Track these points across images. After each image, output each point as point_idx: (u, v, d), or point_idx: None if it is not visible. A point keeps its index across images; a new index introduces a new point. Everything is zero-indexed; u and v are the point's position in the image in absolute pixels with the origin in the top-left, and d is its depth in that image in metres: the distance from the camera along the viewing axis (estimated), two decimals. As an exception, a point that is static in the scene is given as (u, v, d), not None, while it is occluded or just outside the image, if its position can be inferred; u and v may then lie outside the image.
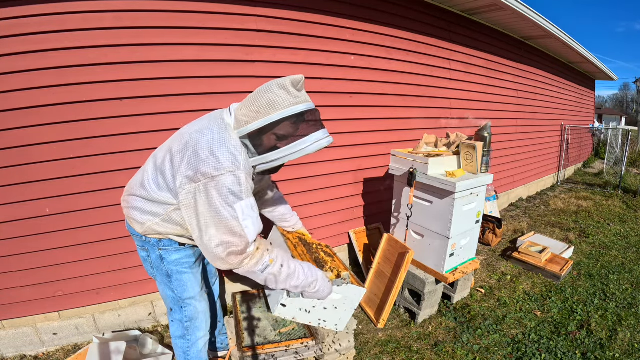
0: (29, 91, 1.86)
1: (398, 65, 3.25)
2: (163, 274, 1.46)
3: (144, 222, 1.35)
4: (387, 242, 2.61)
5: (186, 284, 1.47)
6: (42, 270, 2.08)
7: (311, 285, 1.36)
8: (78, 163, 2.02)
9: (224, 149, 1.17)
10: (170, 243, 1.39)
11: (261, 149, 1.22)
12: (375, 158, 3.24)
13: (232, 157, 1.17)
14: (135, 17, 2.00)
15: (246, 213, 1.19)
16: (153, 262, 1.45)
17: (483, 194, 2.42)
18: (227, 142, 1.19)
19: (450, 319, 2.51)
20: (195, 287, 1.50)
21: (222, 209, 1.15)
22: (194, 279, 1.49)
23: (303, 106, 1.19)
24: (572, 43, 5.37)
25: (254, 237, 1.23)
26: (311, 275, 1.36)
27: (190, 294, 1.50)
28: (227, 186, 1.14)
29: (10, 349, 2.13)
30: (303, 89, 1.23)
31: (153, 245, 1.40)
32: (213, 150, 1.17)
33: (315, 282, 1.36)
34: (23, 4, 1.77)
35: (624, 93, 59.25)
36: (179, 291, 1.48)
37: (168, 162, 1.24)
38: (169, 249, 1.40)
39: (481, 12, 3.88)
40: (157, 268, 1.46)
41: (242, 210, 1.18)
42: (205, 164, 1.15)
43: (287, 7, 2.49)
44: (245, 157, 1.21)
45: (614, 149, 8.94)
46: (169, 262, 1.42)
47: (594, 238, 4.15)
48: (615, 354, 2.18)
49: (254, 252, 1.24)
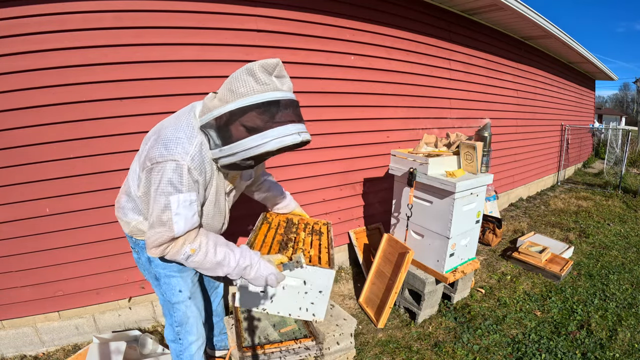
0: (29, 91, 1.86)
1: (398, 65, 3.25)
2: (152, 276, 1.43)
3: (130, 221, 1.34)
4: (387, 242, 2.61)
5: (174, 288, 1.42)
6: (42, 270, 2.08)
7: (245, 270, 1.23)
8: (78, 163, 2.02)
9: (174, 136, 1.11)
10: None
11: (226, 141, 1.09)
12: (375, 158, 3.24)
13: (179, 145, 1.09)
14: (135, 17, 2.01)
15: (181, 207, 1.11)
16: (143, 264, 1.43)
17: (483, 194, 2.42)
18: (180, 130, 1.13)
19: (450, 319, 2.51)
20: (184, 292, 1.44)
21: (159, 197, 1.10)
22: (183, 283, 1.43)
23: (269, 95, 1.05)
24: (572, 43, 5.37)
25: (182, 233, 1.14)
26: (243, 260, 1.23)
27: (179, 299, 1.44)
28: (167, 175, 1.08)
29: (10, 349, 2.13)
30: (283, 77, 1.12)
31: (142, 248, 1.38)
32: (165, 137, 1.12)
33: (248, 267, 1.23)
34: (23, 4, 1.77)
35: (624, 93, 59.26)
36: (168, 295, 1.44)
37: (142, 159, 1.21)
38: None
39: (481, 12, 3.88)
40: (147, 270, 1.44)
41: (177, 203, 1.10)
42: (154, 150, 1.11)
43: (287, 7, 2.49)
44: (197, 149, 1.12)
45: (614, 149, 8.95)
46: (157, 264, 1.38)
47: (594, 238, 4.15)
48: (615, 354, 2.18)
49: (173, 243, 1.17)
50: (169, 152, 1.08)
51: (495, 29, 4.44)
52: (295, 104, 1.12)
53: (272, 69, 1.07)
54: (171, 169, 1.08)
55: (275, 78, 1.09)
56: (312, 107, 2.73)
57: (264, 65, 1.05)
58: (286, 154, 2.66)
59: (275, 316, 1.94)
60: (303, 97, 2.68)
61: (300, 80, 2.64)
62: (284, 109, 1.07)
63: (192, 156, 1.10)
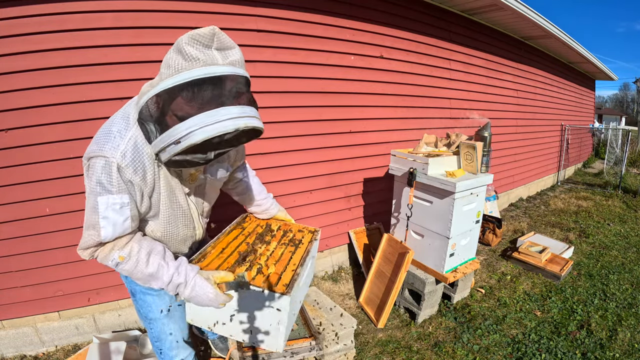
0: (29, 91, 1.86)
1: (398, 65, 3.25)
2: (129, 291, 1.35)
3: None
4: (387, 242, 2.61)
5: (149, 305, 1.33)
6: (42, 270, 2.08)
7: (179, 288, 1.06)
8: (78, 163, 2.02)
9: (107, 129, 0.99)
10: None
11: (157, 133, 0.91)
12: (375, 158, 3.24)
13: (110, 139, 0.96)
14: (135, 17, 2.00)
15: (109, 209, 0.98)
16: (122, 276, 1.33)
17: (483, 194, 2.42)
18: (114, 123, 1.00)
19: (450, 319, 2.51)
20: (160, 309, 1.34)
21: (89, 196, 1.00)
22: (159, 301, 1.33)
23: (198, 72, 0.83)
24: (572, 43, 5.37)
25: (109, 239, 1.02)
26: (177, 276, 1.05)
27: (155, 316, 1.34)
28: (96, 173, 0.96)
29: (10, 349, 2.13)
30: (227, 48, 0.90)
31: None
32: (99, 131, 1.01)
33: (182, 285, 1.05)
34: (23, 4, 1.77)
35: (624, 93, 59.25)
36: (143, 311, 1.35)
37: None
38: None
39: (481, 12, 3.88)
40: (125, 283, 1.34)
41: (106, 205, 0.98)
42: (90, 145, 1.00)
43: (287, 7, 2.49)
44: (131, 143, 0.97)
45: (614, 149, 8.95)
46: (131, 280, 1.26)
47: (594, 238, 4.15)
48: (615, 354, 2.18)
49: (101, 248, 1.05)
50: (98, 147, 0.95)
51: (495, 29, 4.44)
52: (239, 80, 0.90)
53: (208, 40, 0.85)
54: (100, 167, 0.95)
55: (215, 51, 0.88)
56: (312, 107, 2.73)
57: (194, 36, 0.84)
58: (286, 153, 2.66)
59: None
60: (303, 97, 2.68)
61: (300, 80, 2.64)
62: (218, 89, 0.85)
63: (122, 152, 0.95)
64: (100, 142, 0.96)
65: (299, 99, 2.66)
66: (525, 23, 4.22)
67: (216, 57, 0.87)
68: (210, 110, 0.84)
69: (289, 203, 2.76)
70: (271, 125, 2.53)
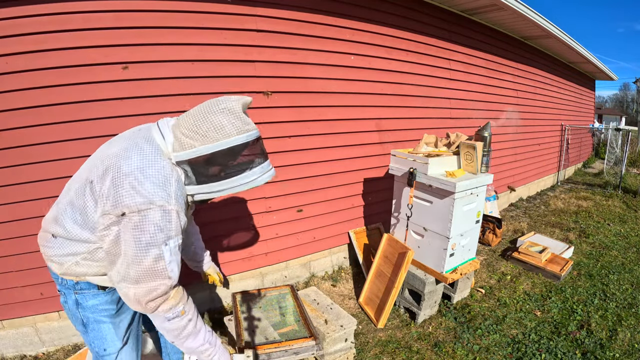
0: (28, 91, 1.86)
1: (398, 65, 3.25)
2: (79, 322, 1.23)
3: (63, 262, 1.13)
4: (387, 242, 2.61)
5: (105, 337, 1.23)
6: (42, 270, 2.08)
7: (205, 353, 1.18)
8: (78, 163, 2.01)
9: (153, 178, 0.98)
10: (89, 286, 1.17)
11: (202, 178, 1.04)
12: (375, 158, 3.24)
13: (162, 188, 0.99)
14: (135, 17, 2.01)
15: (174, 254, 1.03)
16: (70, 308, 1.22)
17: (483, 194, 2.42)
18: (156, 171, 1.00)
19: (450, 319, 2.51)
20: (115, 342, 1.25)
21: (148, 250, 0.98)
22: (113, 332, 1.24)
23: (254, 134, 1.04)
24: (572, 43, 5.37)
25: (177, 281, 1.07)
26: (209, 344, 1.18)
27: (110, 350, 1.25)
28: (155, 223, 0.97)
29: (10, 349, 2.13)
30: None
31: (69, 288, 1.18)
32: (139, 179, 0.97)
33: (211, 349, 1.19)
34: (23, 4, 1.77)
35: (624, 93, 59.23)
36: (96, 344, 1.24)
37: (88, 194, 1.03)
38: (86, 293, 1.18)
39: (481, 12, 3.88)
40: (73, 316, 1.23)
41: (170, 250, 1.02)
42: (131, 196, 0.96)
43: (287, 7, 2.49)
44: (177, 187, 1.03)
45: (614, 149, 8.95)
46: (85, 308, 1.19)
47: (594, 238, 4.15)
48: (615, 354, 2.18)
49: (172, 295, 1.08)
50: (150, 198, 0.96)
51: (495, 29, 4.44)
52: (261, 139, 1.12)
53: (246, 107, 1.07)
54: (158, 217, 0.98)
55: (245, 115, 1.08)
56: (312, 107, 2.73)
57: (244, 105, 1.05)
58: (286, 153, 2.67)
59: (275, 316, 1.94)
60: (303, 97, 2.68)
61: (300, 80, 2.64)
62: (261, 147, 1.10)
63: (176, 198, 1.01)
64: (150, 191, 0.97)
65: (298, 99, 2.66)
66: (525, 23, 4.22)
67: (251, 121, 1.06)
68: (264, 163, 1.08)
69: (289, 203, 2.76)
70: (270, 126, 2.53)
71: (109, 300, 1.22)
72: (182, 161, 1.03)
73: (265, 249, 2.74)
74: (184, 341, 1.14)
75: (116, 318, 1.26)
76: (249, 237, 2.65)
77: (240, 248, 2.63)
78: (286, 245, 2.84)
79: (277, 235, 2.78)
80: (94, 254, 1.11)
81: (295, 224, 2.85)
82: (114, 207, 0.97)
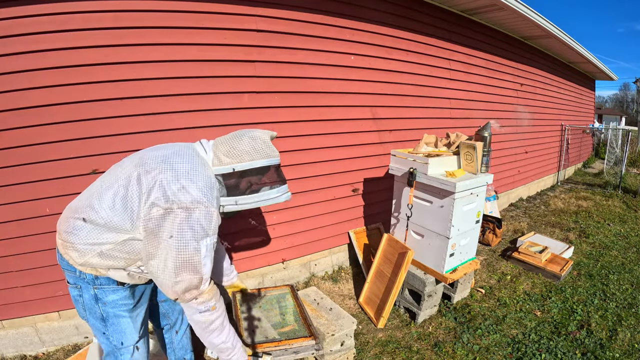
0: (28, 91, 1.86)
1: (398, 65, 3.25)
2: (97, 317, 1.28)
3: (86, 251, 1.17)
4: (387, 242, 2.61)
5: (124, 331, 1.30)
6: (42, 270, 2.08)
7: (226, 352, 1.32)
8: (78, 163, 2.02)
9: (202, 182, 1.16)
10: (108, 282, 1.24)
11: (233, 191, 1.26)
12: (375, 158, 3.24)
13: (209, 191, 1.16)
14: (135, 17, 2.00)
15: (209, 250, 1.17)
16: (86, 303, 1.26)
17: (483, 194, 2.42)
18: (206, 176, 1.19)
19: (450, 319, 2.51)
20: (133, 334, 1.33)
21: (189, 243, 1.11)
22: (132, 325, 1.32)
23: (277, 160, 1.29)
24: (572, 43, 5.37)
25: (209, 276, 1.21)
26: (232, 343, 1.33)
27: (128, 342, 1.32)
28: (199, 221, 1.12)
29: (10, 349, 2.13)
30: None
31: (87, 283, 1.22)
32: (192, 180, 1.14)
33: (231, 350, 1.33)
34: (23, 4, 1.77)
35: (624, 93, 59.19)
36: (115, 338, 1.30)
37: (134, 184, 1.13)
38: (105, 288, 1.24)
39: (481, 12, 3.88)
40: (90, 310, 1.27)
41: (206, 247, 1.15)
42: (182, 193, 1.11)
43: (287, 7, 2.49)
44: (217, 195, 1.23)
45: (614, 149, 8.95)
46: (105, 303, 1.25)
47: (594, 238, 4.15)
48: (615, 354, 2.18)
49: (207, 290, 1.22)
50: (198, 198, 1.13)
51: (495, 29, 4.44)
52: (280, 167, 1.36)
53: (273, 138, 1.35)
54: (203, 215, 1.13)
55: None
56: (312, 107, 2.73)
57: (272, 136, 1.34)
58: (285, 153, 2.67)
59: (275, 316, 1.94)
60: (303, 97, 2.68)
61: (300, 80, 2.64)
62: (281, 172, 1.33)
63: (217, 202, 1.20)
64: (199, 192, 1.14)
65: (298, 99, 2.66)
66: (525, 23, 4.21)
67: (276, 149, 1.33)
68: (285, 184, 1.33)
69: (288, 203, 2.76)
70: (270, 126, 2.53)
71: (128, 295, 1.30)
72: (220, 174, 1.24)
73: (265, 249, 2.74)
74: (209, 335, 1.27)
75: (134, 312, 1.34)
76: (248, 237, 2.66)
77: (240, 248, 2.64)
78: (286, 245, 2.85)
79: (277, 235, 2.78)
80: (123, 245, 1.17)
81: (295, 224, 2.85)
82: (164, 201, 1.10)
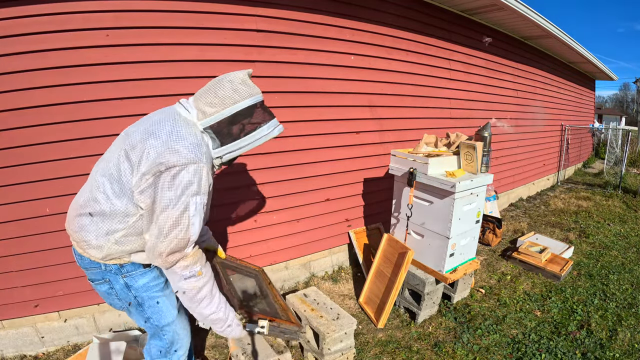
0: (28, 91, 1.86)
1: (398, 65, 3.25)
2: (134, 303, 1.30)
3: (102, 245, 1.18)
4: (387, 242, 2.61)
5: (162, 310, 1.33)
6: (42, 270, 2.08)
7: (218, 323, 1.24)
8: (78, 163, 2.02)
9: (188, 140, 1.13)
10: (134, 267, 1.25)
11: (226, 139, 1.21)
12: (375, 158, 3.24)
13: (195, 148, 1.13)
14: (135, 17, 2.00)
15: (198, 209, 1.14)
16: (119, 293, 1.27)
17: (483, 194, 2.42)
18: (190, 134, 1.15)
19: (450, 319, 2.51)
20: (171, 311, 1.36)
21: (179, 200, 1.09)
22: (168, 302, 1.35)
23: (259, 96, 1.25)
24: (572, 43, 5.37)
25: (196, 238, 1.17)
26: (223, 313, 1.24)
27: (168, 320, 1.36)
28: (187, 178, 1.10)
29: (10, 349, 2.13)
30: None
31: (115, 274, 1.24)
32: (177, 140, 1.12)
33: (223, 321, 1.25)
34: (23, 4, 1.77)
35: (624, 93, 59.17)
36: (155, 319, 1.33)
37: (124, 161, 1.13)
38: (133, 274, 1.26)
39: (481, 12, 3.88)
40: (125, 299, 1.29)
41: (195, 205, 1.12)
42: (169, 154, 1.09)
43: (287, 7, 2.49)
44: (207, 150, 1.19)
45: (614, 149, 8.94)
46: (137, 288, 1.27)
47: (594, 238, 4.15)
48: (615, 354, 2.18)
49: (191, 253, 1.16)
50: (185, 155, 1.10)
51: (495, 29, 4.44)
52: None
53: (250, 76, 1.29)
54: (192, 172, 1.11)
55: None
56: (312, 107, 2.73)
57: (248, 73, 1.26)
58: (286, 153, 2.67)
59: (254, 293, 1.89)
60: (303, 97, 2.68)
61: (300, 80, 2.64)
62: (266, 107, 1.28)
63: (206, 159, 1.16)
64: (185, 150, 1.11)
65: (298, 99, 2.66)
66: (525, 23, 4.21)
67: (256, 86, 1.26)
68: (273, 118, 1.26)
69: (289, 203, 2.76)
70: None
71: (156, 275, 1.32)
72: (208, 127, 1.20)
73: (265, 249, 2.74)
74: (198, 305, 1.20)
75: (167, 290, 1.35)
76: (248, 237, 2.66)
77: (240, 248, 2.64)
78: (286, 245, 2.85)
79: (277, 235, 2.78)
80: (135, 227, 1.18)
81: (295, 224, 2.85)
82: (154, 166, 1.09)
